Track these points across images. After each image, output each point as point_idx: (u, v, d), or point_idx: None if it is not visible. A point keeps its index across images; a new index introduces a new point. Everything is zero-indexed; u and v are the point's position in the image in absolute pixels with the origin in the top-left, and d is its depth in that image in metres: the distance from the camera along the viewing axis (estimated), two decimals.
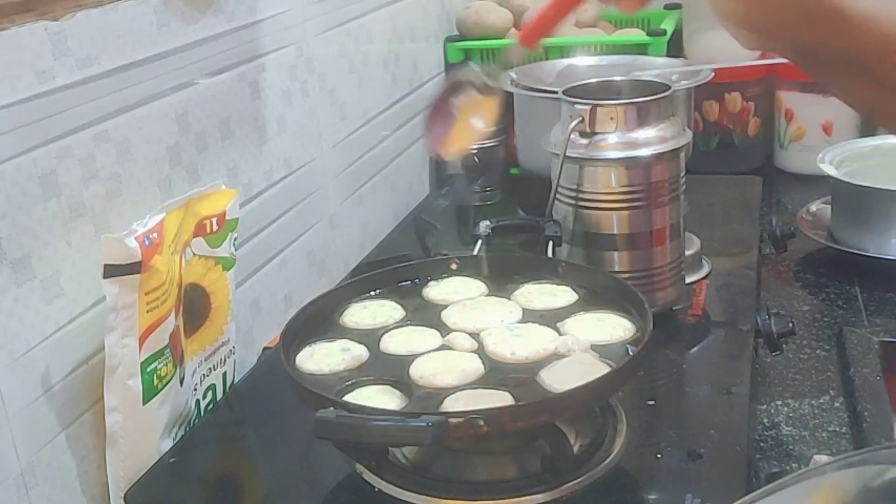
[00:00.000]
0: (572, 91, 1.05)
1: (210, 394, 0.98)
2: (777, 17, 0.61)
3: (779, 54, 0.65)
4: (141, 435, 0.86)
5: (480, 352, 0.84)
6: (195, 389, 0.95)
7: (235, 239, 0.98)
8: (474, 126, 0.80)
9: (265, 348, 1.11)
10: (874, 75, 0.60)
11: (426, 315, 0.92)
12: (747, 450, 0.85)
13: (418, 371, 0.81)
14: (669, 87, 1.03)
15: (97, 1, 0.85)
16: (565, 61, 1.49)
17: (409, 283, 0.98)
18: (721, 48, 1.80)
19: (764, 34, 0.63)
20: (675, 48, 1.67)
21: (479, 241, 1.09)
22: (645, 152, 1.01)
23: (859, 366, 1.06)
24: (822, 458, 0.89)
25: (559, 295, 0.93)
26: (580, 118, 1.01)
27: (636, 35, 1.65)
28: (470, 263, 1.00)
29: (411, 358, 0.84)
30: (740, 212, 1.38)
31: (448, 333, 0.87)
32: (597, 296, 0.92)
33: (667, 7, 1.82)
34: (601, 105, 1.01)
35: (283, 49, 1.16)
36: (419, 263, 1.02)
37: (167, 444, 0.89)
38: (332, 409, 0.72)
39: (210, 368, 0.97)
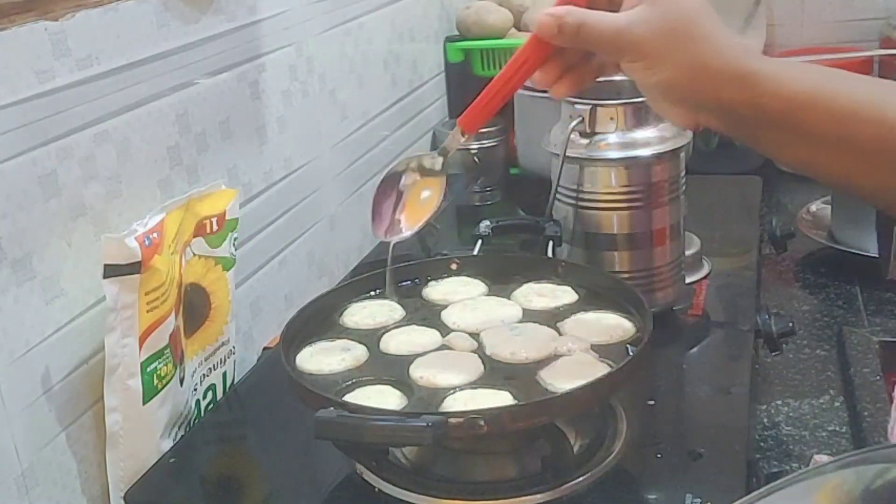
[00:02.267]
0: None
1: (210, 394, 0.98)
2: (699, 82, 0.67)
3: (703, 123, 0.70)
4: (141, 435, 0.86)
5: (480, 352, 0.84)
6: (195, 389, 0.95)
7: (235, 239, 0.98)
8: (421, 203, 0.82)
9: (265, 348, 1.11)
10: (784, 126, 0.67)
11: (426, 315, 0.92)
12: (747, 450, 0.85)
13: (418, 371, 0.81)
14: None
15: (97, 1, 0.85)
16: None
17: (409, 283, 0.98)
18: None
19: (689, 103, 0.68)
20: None
21: (479, 241, 1.09)
22: (645, 152, 1.01)
23: (859, 366, 1.06)
24: (822, 458, 0.89)
25: (559, 295, 0.93)
26: (580, 118, 1.01)
27: None
28: (470, 263, 1.00)
29: (411, 358, 0.84)
30: (740, 212, 1.38)
31: (448, 333, 0.87)
32: (597, 296, 0.92)
33: None
34: (601, 105, 1.01)
35: (283, 49, 1.16)
36: (419, 263, 1.02)
37: (167, 444, 0.89)
38: (332, 409, 0.72)
39: (210, 368, 0.97)
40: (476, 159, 1.53)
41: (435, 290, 0.96)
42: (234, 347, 1.01)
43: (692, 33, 0.66)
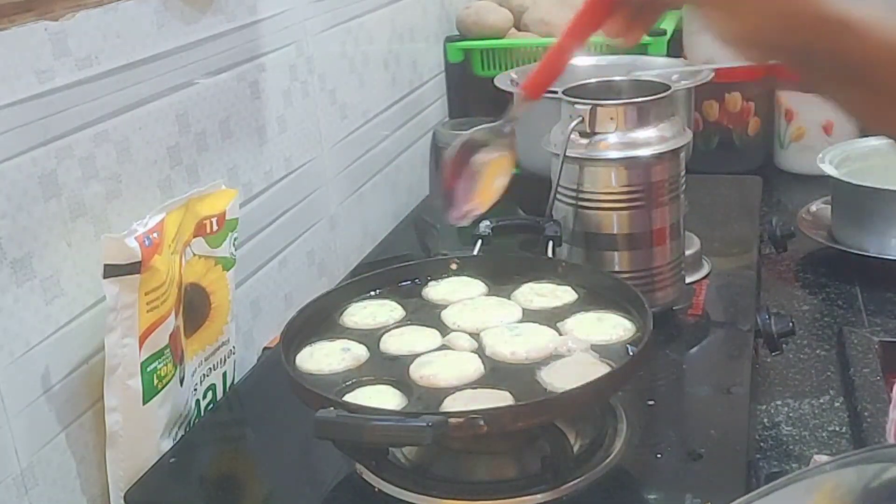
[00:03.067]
0: (572, 91, 1.05)
1: (210, 394, 0.98)
2: (779, 31, 0.62)
3: (777, 63, 0.66)
4: (141, 435, 0.86)
5: (480, 352, 0.84)
6: (195, 389, 0.95)
7: (235, 239, 0.98)
8: (496, 183, 0.80)
9: (265, 348, 1.11)
10: (870, 82, 0.62)
11: (426, 315, 0.92)
12: (747, 450, 0.85)
13: (418, 371, 0.81)
14: (669, 87, 1.03)
15: (97, 1, 0.85)
16: None
17: (409, 283, 0.98)
18: (721, 48, 1.80)
19: (765, 48, 0.64)
20: (675, 48, 1.67)
21: (479, 241, 1.09)
22: (645, 152, 1.01)
23: (859, 366, 1.06)
24: (822, 458, 0.89)
25: (559, 295, 0.93)
26: (580, 118, 1.01)
27: None
28: (470, 263, 1.00)
29: (411, 358, 0.84)
30: (740, 212, 1.38)
31: (448, 333, 0.87)
32: (597, 296, 0.92)
33: None
34: (601, 105, 1.01)
35: (283, 49, 1.16)
36: (419, 263, 1.02)
37: (167, 444, 0.89)
38: (332, 409, 0.72)
39: (210, 368, 0.97)
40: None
41: (435, 290, 0.96)
42: (234, 347, 1.01)
43: None
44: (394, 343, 0.87)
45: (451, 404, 0.77)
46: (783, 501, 0.50)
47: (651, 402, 0.92)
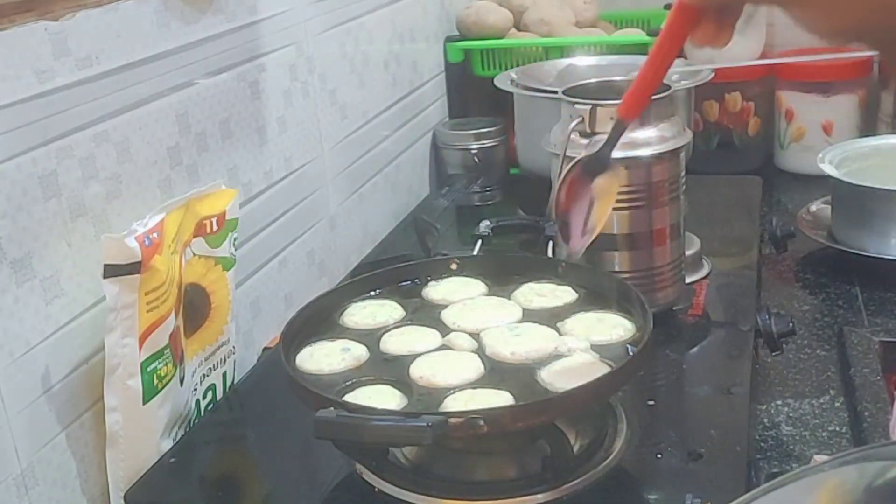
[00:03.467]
0: (572, 91, 1.05)
1: (210, 394, 0.98)
2: (873, 24, 0.60)
3: (860, 48, 0.66)
4: (141, 435, 0.86)
5: (480, 352, 0.84)
6: (195, 389, 0.95)
7: (235, 239, 0.98)
8: (606, 208, 0.79)
9: (265, 348, 1.11)
10: None
11: (426, 315, 0.92)
12: (747, 450, 0.85)
13: (418, 371, 0.81)
14: (669, 87, 1.03)
15: (97, 1, 0.85)
16: (565, 61, 1.49)
17: (409, 283, 0.98)
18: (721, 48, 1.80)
19: (859, 40, 0.63)
20: None
21: (479, 241, 1.09)
22: (645, 152, 1.01)
23: (859, 366, 1.06)
24: (822, 458, 0.89)
25: (559, 295, 0.93)
26: (580, 118, 1.01)
27: (636, 35, 1.66)
28: (470, 263, 1.00)
29: (411, 358, 0.84)
30: (740, 212, 1.38)
31: (448, 333, 0.87)
32: (597, 296, 0.92)
33: (667, 7, 1.82)
34: (601, 105, 1.01)
35: (283, 49, 1.16)
36: (419, 263, 1.02)
37: (167, 444, 0.89)
38: (332, 409, 0.72)
39: (210, 368, 0.97)
40: (476, 159, 1.53)
41: (435, 290, 0.96)
42: (234, 347, 1.01)
43: None
44: (394, 343, 0.87)
45: (451, 404, 0.77)
46: (783, 500, 0.50)
47: (651, 402, 0.92)
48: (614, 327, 0.86)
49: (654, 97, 1.01)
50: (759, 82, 1.72)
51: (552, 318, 0.89)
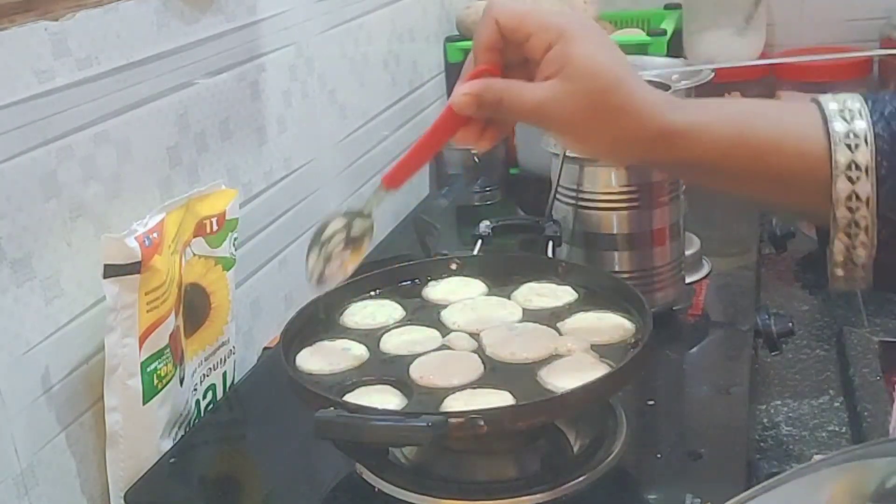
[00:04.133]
0: None
1: (210, 394, 0.98)
2: (622, 150, 0.68)
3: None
4: (141, 435, 0.86)
5: (480, 352, 0.84)
6: (195, 389, 0.95)
7: (235, 239, 0.98)
8: (347, 260, 0.81)
9: (265, 348, 1.11)
10: (708, 170, 0.69)
11: (426, 315, 0.92)
12: (747, 450, 0.85)
13: (418, 371, 0.81)
14: (669, 87, 1.03)
15: (97, 1, 0.85)
16: None
17: (409, 283, 0.98)
18: (721, 48, 1.80)
19: (616, 159, 0.75)
20: (675, 48, 1.67)
21: (479, 241, 1.09)
22: None
23: (859, 366, 1.06)
24: (820, 458, 0.89)
25: (559, 295, 0.93)
26: None
27: (636, 35, 1.66)
28: (470, 263, 1.00)
29: (411, 358, 0.84)
30: (740, 212, 1.38)
31: (448, 333, 0.87)
32: (597, 296, 0.92)
33: (667, 7, 1.82)
34: None
35: (283, 49, 1.16)
36: (419, 263, 1.01)
37: (167, 444, 0.89)
38: (332, 409, 0.72)
39: (210, 368, 0.97)
40: (476, 159, 1.53)
41: (435, 290, 0.96)
42: (234, 347, 1.01)
43: (609, 106, 0.65)
44: (394, 343, 0.87)
45: (451, 404, 0.76)
46: (782, 498, 0.50)
47: (651, 402, 0.92)
48: (614, 327, 0.86)
49: None
50: (759, 82, 1.72)
51: (552, 318, 0.89)
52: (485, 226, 1.10)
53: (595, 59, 0.65)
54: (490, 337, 0.86)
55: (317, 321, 0.91)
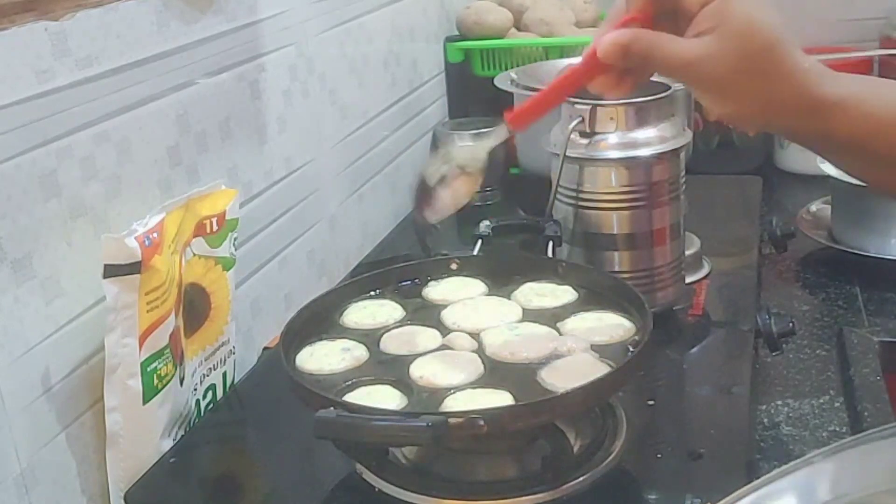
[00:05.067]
0: None
1: (210, 394, 0.98)
2: (770, 114, 0.66)
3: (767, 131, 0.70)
4: (141, 435, 0.86)
5: (480, 352, 0.84)
6: (195, 389, 0.95)
7: (235, 239, 0.98)
8: (455, 195, 0.81)
9: (265, 348, 1.11)
10: (860, 152, 0.66)
11: (426, 315, 0.92)
12: (747, 450, 0.85)
13: (418, 371, 0.81)
14: (669, 87, 1.03)
15: (97, 1, 0.85)
16: (565, 61, 1.49)
17: (409, 283, 0.98)
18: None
19: (757, 125, 0.68)
20: None
21: (479, 241, 1.09)
22: (645, 152, 1.01)
23: (859, 366, 1.06)
24: None
25: (559, 294, 0.93)
26: (580, 118, 1.01)
27: None
28: (470, 263, 1.00)
29: (411, 358, 0.84)
30: (740, 212, 1.38)
31: (448, 333, 0.87)
32: (597, 296, 0.92)
33: None
34: (601, 105, 1.01)
35: (283, 49, 1.16)
36: (419, 263, 1.01)
37: (167, 444, 0.89)
38: (332, 409, 0.72)
39: (210, 368, 0.97)
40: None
41: (435, 290, 0.96)
42: (234, 347, 1.01)
43: (766, 69, 0.64)
44: (394, 343, 0.87)
45: (451, 404, 0.77)
46: (776, 497, 0.50)
47: (651, 402, 0.92)
48: (614, 327, 0.86)
49: (655, 97, 1.02)
50: None
51: (552, 318, 0.89)
52: (485, 226, 1.10)
53: (753, 18, 0.63)
54: (490, 337, 0.86)
55: (317, 321, 0.91)
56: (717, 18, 0.64)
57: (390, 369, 0.83)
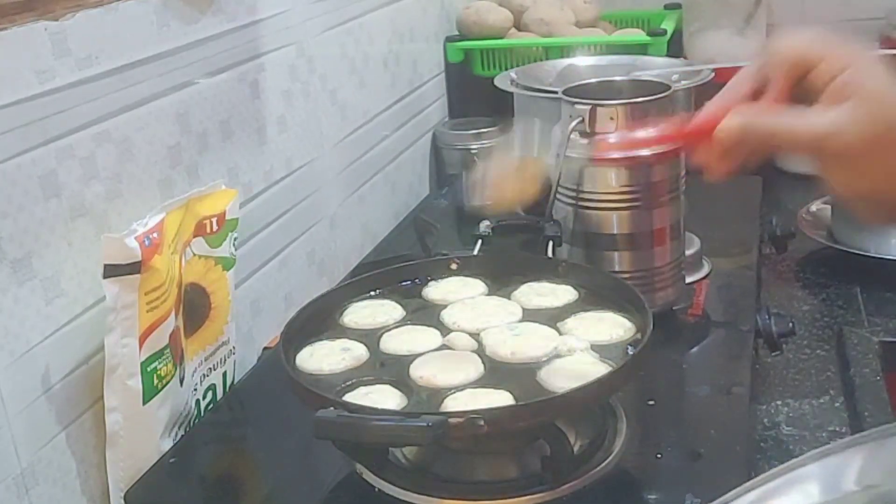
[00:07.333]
0: (572, 91, 1.05)
1: (210, 394, 0.98)
2: None
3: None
4: (141, 435, 0.86)
5: (480, 352, 0.84)
6: (195, 389, 0.95)
7: (235, 239, 0.98)
8: (521, 188, 0.83)
9: (265, 348, 1.11)
10: None
11: (426, 315, 0.92)
12: (747, 450, 0.85)
13: (418, 371, 0.81)
14: (669, 87, 1.03)
15: (97, 1, 0.85)
16: (565, 61, 1.49)
17: (409, 283, 0.98)
18: (721, 48, 1.80)
19: (893, 203, 0.65)
20: (675, 48, 1.67)
21: (479, 241, 1.09)
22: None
23: (859, 366, 1.06)
24: None
25: (559, 294, 0.93)
26: (580, 118, 1.01)
27: (636, 35, 1.66)
28: (470, 263, 1.00)
29: (411, 358, 0.84)
30: (740, 212, 1.38)
31: (448, 333, 0.87)
32: (597, 295, 0.92)
33: (667, 7, 1.82)
34: (601, 105, 1.01)
35: (283, 49, 1.16)
36: (419, 263, 1.01)
37: (167, 444, 0.89)
38: (332, 409, 0.72)
39: (210, 368, 0.97)
40: (476, 159, 1.53)
41: (435, 290, 0.96)
42: (234, 347, 1.01)
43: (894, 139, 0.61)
44: (394, 343, 0.87)
45: (451, 404, 0.77)
46: (774, 495, 0.50)
47: (651, 402, 0.92)
48: (614, 327, 0.86)
49: (655, 97, 1.02)
50: None
51: (552, 318, 0.89)
52: (485, 226, 1.10)
53: (884, 90, 0.62)
54: (490, 337, 0.86)
55: (317, 321, 0.91)
56: (849, 90, 0.62)
57: (390, 369, 0.83)
